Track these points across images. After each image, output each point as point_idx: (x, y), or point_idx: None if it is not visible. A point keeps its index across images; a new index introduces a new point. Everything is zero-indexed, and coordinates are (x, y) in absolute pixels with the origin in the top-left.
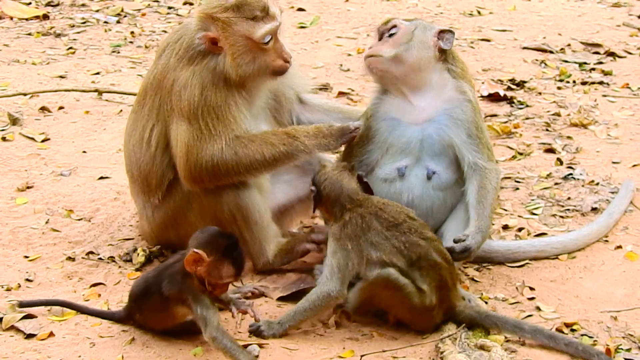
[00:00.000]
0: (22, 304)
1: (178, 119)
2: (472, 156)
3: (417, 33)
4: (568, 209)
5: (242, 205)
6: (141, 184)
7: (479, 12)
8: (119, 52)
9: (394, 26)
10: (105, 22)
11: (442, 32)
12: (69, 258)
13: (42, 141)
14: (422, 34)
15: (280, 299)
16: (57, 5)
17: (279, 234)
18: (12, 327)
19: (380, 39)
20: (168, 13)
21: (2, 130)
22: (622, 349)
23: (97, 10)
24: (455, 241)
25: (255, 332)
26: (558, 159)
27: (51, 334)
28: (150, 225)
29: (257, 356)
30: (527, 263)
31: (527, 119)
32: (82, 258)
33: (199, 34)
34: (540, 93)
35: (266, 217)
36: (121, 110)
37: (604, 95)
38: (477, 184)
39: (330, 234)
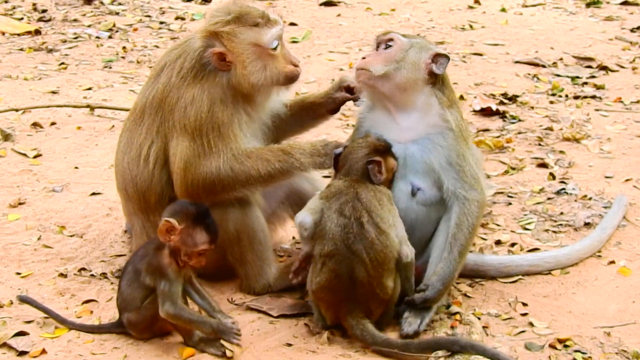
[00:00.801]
0: (21, 298)
1: (180, 135)
2: (451, 184)
3: (411, 53)
4: (561, 224)
5: (249, 224)
6: (138, 202)
7: (471, 27)
8: (110, 68)
9: (391, 39)
10: (97, 37)
11: (437, 55)
12: (61, 274)
13: (34, 157)
14: (415, 54)
15: (280, 316)
16: (49, 20)
17: (276, 257)
18: (5, 344)
19: (377, 48)
20: (160, 28)
21: None
22: None
23: (89, 26)
24: (417, 290)
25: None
26: (551, 174)
27: (43, 351)
28: None
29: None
30: (520, 278)
31: (519, 133)
32: (74, 274)
33: (207, 52)
34: (532, 107)
35: (269, 238)
36: (113, 126)
37: (597, 110)
38: (454, 218)
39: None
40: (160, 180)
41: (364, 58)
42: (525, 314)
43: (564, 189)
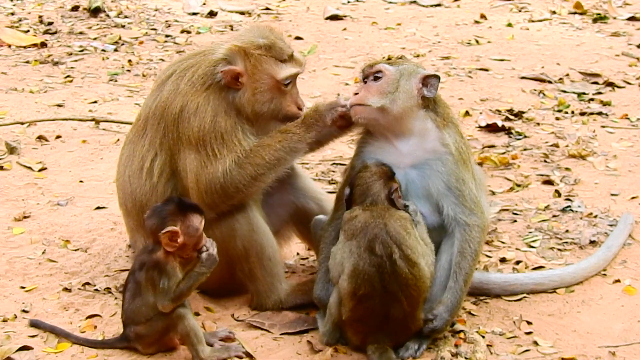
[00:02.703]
0: (33, 323)
1: (185, 149)
2: (451, 210)
3: (402, 82)
4: (566, 242)
5: (257, 239)
6: (137, 217)
7: (477, 42)
8: (116, 81)
9: (379, 71)
10: (102, 50)
11: (426, 77)
12: (65, 289)
13: (39, 170)
14: (406, 82)
15: (284, 334)
16: (55, 33)
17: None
18: (9, 359)
19: (364, 81)
20: (165, 41)
21: (0, 159)
22: None
23: (95, 39)
24: (424, 321)
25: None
26: (556, 191)
27: None
28: None
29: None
30: (525, 297)
31: (525, 149)
32: (79, 289)
33: (224, 67)
34: (538, 124)
35: (279, 254)
36: (118, 140)
37: (603, 126)
38: (457, 246)
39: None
40: (164, 194)
41: (356, 94)
42: (529, 333)
43: (569, 206)
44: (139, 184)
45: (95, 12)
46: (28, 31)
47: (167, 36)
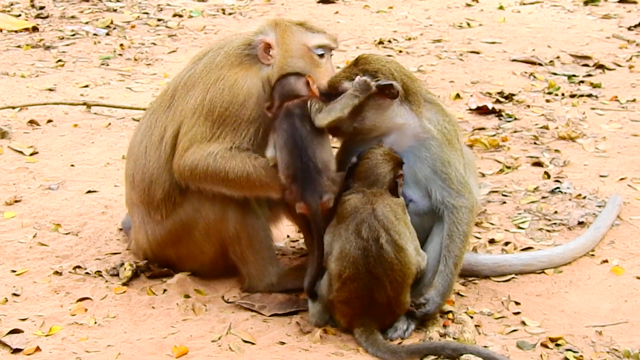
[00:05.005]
0: None
1: (201, 116)
2: (439, 194)
3: (361, 97)
4: (555, 223)
5: (249, 223)
6: (142, 193)
7: (468, 24)
8: (108, 65)
9: (342, 91)
10: (94, 34)
11: (382, 88)
12: (56, 272)
13: (31, 155)
14: (364, 95)
15: (273, 315)
16: (47, 17)
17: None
18: None
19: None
20: (157, 25)
21: None
22: None
23: (87, 23)
24: (417, 305)
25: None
26: (545, 173)
27: (37, 349)
28: (149, 242)
29: None
30: (513, 277)
31: (515, 132)
32: (69, 272)
33: (257, 37)
34: (528, 106)
35: (271, 237)
36: (109, 124)
37: (593, 108)
38: (446, 229)
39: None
40: (171, 170)
41: None
42: (517, 313)
43: (558, 187)
44: (155, 156)
45: None
46: (20, 15)
47: (159, 20)
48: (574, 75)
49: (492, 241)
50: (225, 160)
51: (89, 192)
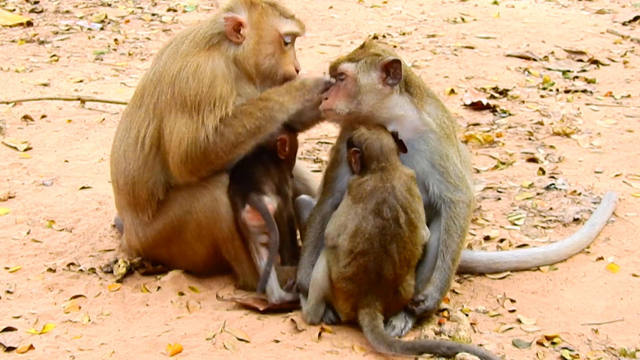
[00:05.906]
0: None
1: (178, 111)
2: (437, 188)
3: (363, 79)
4: (550, 220)
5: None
6: (127, 196)
7: (462, 19)
8: (102, 60)
9: (342, 73)
10: (89, 29)
11: (387, 65)
12: (50, 269)
13: (25, 150)
14: (367, 77)
15: (266, 311)
16: (41, 12)
17: None
18: None
19: (335, 79)
20: (152, 20)
21: None
22: None
23: (81, 17)
24: (416, 302)
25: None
26: (540, 169)
27: (31, 347)
28: (141, 242)
29: None
30: (509, 274)
31: (509, 127)
32: (63, 269)
33: (227, 14)
34: (523, 101)
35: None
36: (104, 119)
37: (587, 104)
38: (443, 224)
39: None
40: (153, 169)
41: (326, 99)
42: (513, 311)
43: (553, 184)
44: (134, 157)
45: None
46: (14, 10)
47: (153, 15)
48: (569, 71)
49: (487, 238)
50: (226, 130)
51: (82, 188)
